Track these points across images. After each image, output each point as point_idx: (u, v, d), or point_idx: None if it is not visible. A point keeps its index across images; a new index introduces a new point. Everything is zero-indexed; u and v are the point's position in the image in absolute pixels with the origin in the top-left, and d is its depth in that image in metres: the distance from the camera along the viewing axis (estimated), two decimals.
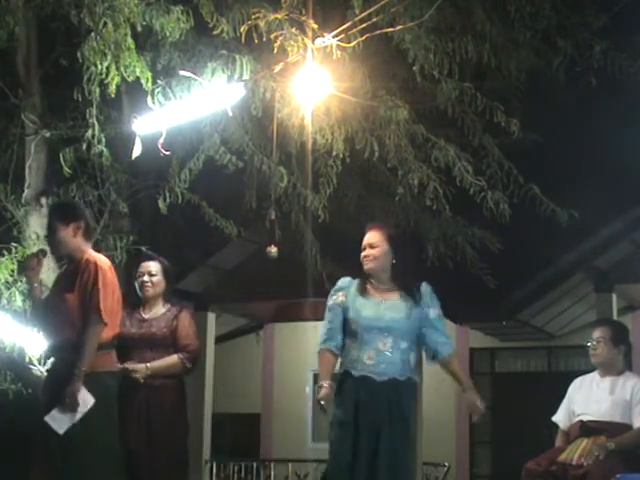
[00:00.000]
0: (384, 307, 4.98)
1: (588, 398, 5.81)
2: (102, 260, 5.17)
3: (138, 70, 6.17)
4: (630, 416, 5.65)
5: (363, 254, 5.05)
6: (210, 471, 12.36)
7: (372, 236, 5.05)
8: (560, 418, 5.93)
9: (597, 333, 5.88)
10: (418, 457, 11.46)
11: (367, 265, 5.02)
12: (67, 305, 5.05)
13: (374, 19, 5.99)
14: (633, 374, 5.90)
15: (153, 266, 5.82)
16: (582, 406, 5.80)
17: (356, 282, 5.08)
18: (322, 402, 4.83)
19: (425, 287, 5.07)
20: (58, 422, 4.87)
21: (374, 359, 4.88)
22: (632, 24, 8.03)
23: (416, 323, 4.96)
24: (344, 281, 5.12)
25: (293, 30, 5.87)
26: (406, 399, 4.90)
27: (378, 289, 5.03)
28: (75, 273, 5.11)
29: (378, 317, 4.94)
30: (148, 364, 5.60)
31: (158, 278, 5.80)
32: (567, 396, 5.96)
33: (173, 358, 5.66)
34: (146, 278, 5.79)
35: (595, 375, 5.93)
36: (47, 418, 4.88)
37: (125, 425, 5.37)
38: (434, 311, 5.02)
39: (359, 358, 4.89)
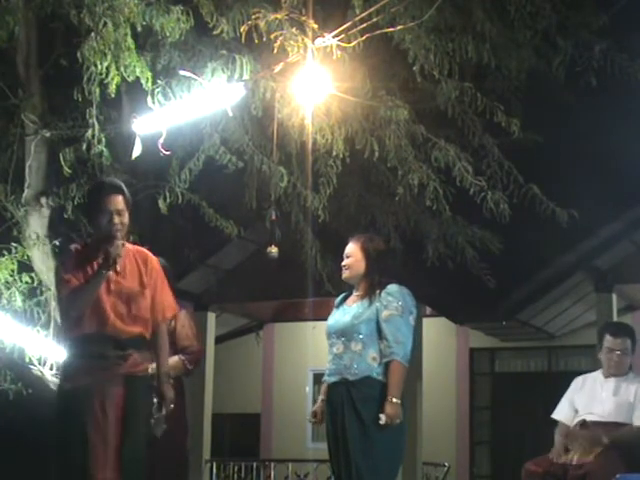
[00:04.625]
0: (344, 313, 5.13)
1: (591, 398, 5.80)
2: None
3: (138, 70, 6.17)
4: (632, 416, 5.65)
5: (342, 264, 5.22)
6: (210, 471, 12.37)
7: (348, 247, 5.21)
8: (563, 414, 5.89)
9: (621, 345, 5.83)
10: (418, 457, 11.48)
11: (343, 274, 5.21)
12: (140, 299, 4.62)
13: (374, 19, 5.99)
14: (637, 375, 5.89)
15: None
16: (585, 406, 5.80)
17: (342, 295, 5.28)
18: (308, 418, 5.29)
19: (389, 288, 5.06)
20: (159, 426, 4.71)
21: (331, 363, 5.09)
22: (632, 24, 8.04)
23: (371, 324, 5.00)
24: (337, 298, 5.33)
25: (293, 30, 5.87)
26: (360, 397, 4.94)
27: (353, 297, 5.18)
28: (135, 263, 4.68)
29: (335, 323, 5.14)
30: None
31: None
32: (569, 393, 5.94)
33: (174, 359, 5.61)
34: None
35: (599, 375, 5.91)
36: (156, 430, 4.68)
37: None
38: (386, 312, 5.00)
39: (327, 365, 5.13)
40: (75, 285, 4.49)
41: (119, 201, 4.60)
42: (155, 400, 4.65)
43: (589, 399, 5.81)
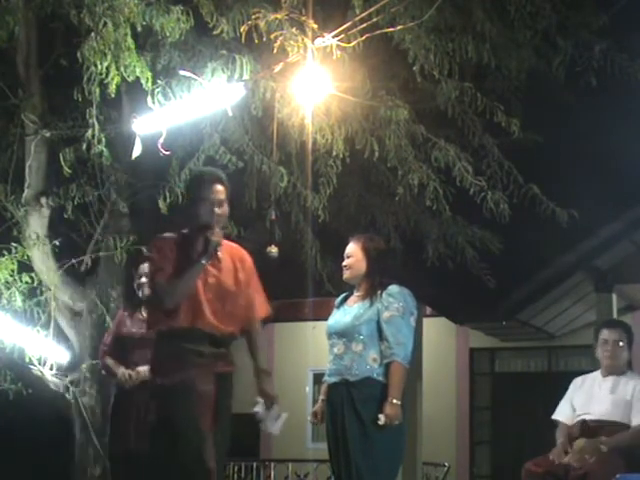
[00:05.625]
0: (345, 313, 5.14)
1: (590, 398, 5.81)
2: None
3: (138, 70, 6.17)
4: (629, 415, 5.65)
5: (342, 264, 5.22)
6: None
7: (349, 247, 5.21)
8: (563, 414, 5.89)
9: (615, 335, 5.82)
10: (418, 457, 11.48)
11: (344, 275, 5.22)
12: (235, 296, 4.61)
13: (374, 19, 5.99)
14: (634, 374, 5.89)
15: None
16: (583, 406, 5.80)
17: (343, 296, 5.29)
18: (309, 419, 5.31)
19: (390, 288, 5.07)
20: (276, 423, 4.67)
21: (331, 363, 5.11)
22: (632, 24, 8.04)
23: (372, 324, 5.00)
24: (338, 299, 5.34)
25: (293, 30, 5.87)
26: (360, 398, 4.95)
27: (354, 298, 5.18)
28: (231, 260, 4.60)
29: (335, 324, 5.15)
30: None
31: None
32: (569, 393, 5.94)
33: None
34: (143, 280, 5.81)
35: (597, 375, 5.91)
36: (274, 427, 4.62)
37: (125, 425, 5.36)
38: (387, 313, 5.01)
39: (328, 365, 5.15)
40: (171, 274, 4.35)
41: (221, 191, 4.54)
42: (259, 399, 4.68)
43: (587, 398, 5.81)
